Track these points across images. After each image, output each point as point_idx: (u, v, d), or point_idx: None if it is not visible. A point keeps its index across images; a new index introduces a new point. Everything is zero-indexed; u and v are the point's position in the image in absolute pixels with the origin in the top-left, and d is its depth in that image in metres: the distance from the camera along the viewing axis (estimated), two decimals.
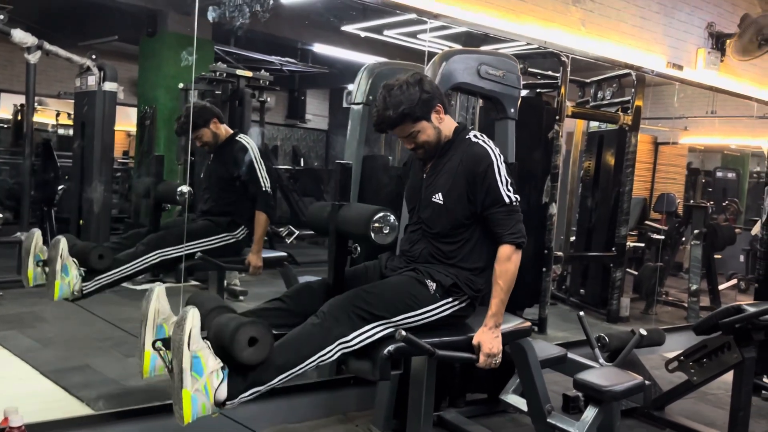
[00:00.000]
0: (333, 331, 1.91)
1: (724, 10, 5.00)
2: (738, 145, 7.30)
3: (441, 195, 2.18)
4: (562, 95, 4.11)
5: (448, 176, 2.19)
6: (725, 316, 2.82)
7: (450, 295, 2.15)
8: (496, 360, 2.12)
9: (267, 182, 3.24)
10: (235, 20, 2.98)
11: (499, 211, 2.12)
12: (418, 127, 2.15)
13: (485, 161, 2.14)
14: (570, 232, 5.52)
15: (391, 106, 2.11)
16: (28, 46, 4.71)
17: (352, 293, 2.02)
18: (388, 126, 2.16)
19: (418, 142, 2.18)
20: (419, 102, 2.12)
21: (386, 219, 2.04)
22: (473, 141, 2.21)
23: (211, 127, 3.27)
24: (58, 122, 7.79)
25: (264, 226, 3.23)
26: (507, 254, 2.11)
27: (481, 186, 2.12)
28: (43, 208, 5.84)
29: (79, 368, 3.18)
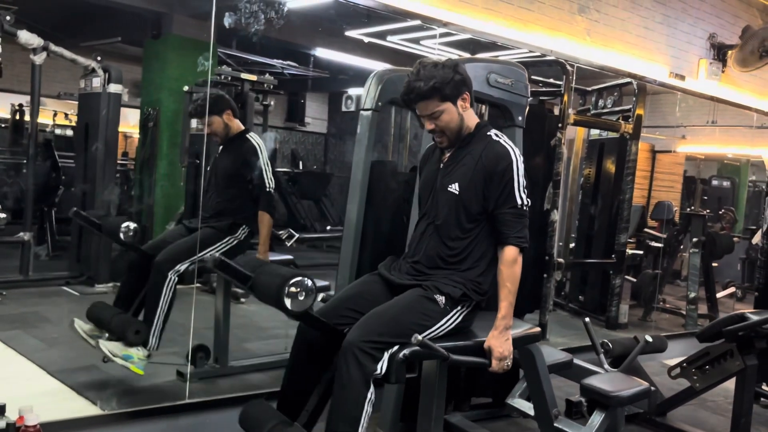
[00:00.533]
0: (362, 376, 1.94)
1: (726, 22, 5.07)
2: (736, 154, 7.37)
3: (457, 185, 2.19)
4: (564, 103, 4.15)
5: (467, 169, 2.19)
6: (729, 324, 2.86)
7: (459, 305, 2.17)
8: (508, 362, 2.13)
9: (272, 183, 3.27)
10: (251, 26, 3.00)
11: (509, 212, 2.14)
12: (443, 107, 2.15)
13: (506, 160, 2.15)
14: (569, 239, 5.56)
15: (423, 78, 2.11)
16: (34, 47, 4.73)
17: (364, 331, 2.00)
18: (416, 97, 2.14)
19: (440, 123, 2.17)
20: (451, 81, 2.13)
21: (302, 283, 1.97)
22: (494, 139, 2.21)
23: (224, 117, 3.28)
24: (55, 122, 7.79)
25: (268, 226, 3.25)
26: (513, 256, 2.13)
27: (498, 184, 2.14)
28: (44, 209, 5.84)
29: (86, 368, 3.18)
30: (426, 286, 2.15)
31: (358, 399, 1.93)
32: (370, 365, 1.94)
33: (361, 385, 1.93)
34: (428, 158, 2.42)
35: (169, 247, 3.10)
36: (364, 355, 1.93)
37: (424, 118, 2.20)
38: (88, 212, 3.60)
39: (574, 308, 5.37)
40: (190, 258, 3.08)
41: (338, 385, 1.96)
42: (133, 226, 3.05)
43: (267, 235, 3.25)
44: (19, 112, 7.42)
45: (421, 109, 2.18)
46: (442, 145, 2.25)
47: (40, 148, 5.78)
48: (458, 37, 3.65)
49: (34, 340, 3.58)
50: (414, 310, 2.09)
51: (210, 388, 3.14)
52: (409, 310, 2.08)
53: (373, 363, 1.95)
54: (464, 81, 2.18)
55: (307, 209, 7.83)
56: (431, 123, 2.19)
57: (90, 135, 4.89)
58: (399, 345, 1.99)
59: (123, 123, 5.35)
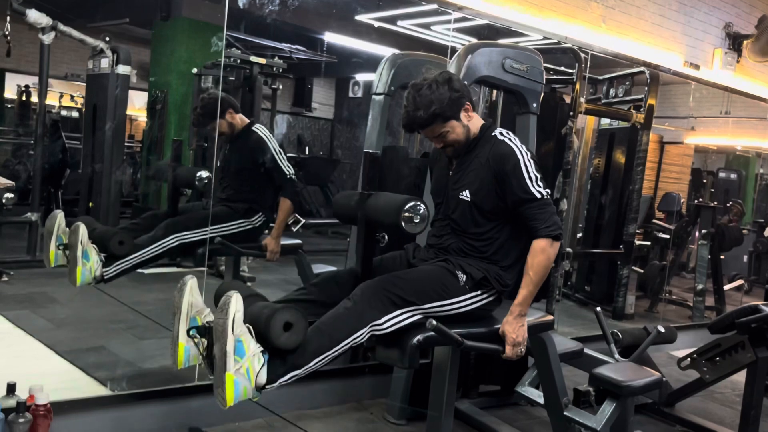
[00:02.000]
0: (365, 314, 1.92)
1: (742, 11, 5.01)
2: (746, 146, 7.32)
3: (468, 192, 2.19)
4: (576, 91, 4.11)
5: (475, 174, 2.19)
6: (741, 316, 2.84)
7: (479, 288, 2.16)
8: (522, 349, 2.12)
9: (290, 170, 3.26)
10: (265, 7, 2.96)
11: (532, 206, 2.12)
12: (447, 127, 2.16)
13: (511, 160, 2.14)
14: (577, 229, 5.54)
15: (422, 106, 2.10)
16: (43, 27, 4.69)
17: (384, 278, 2.03)
18: (418, 126, 2.16)
19: (448, 141, 2.19)
20: (449, 101, 2.12)
21: (416, 209, 2.04)
22: (499, 139, 2.20)
23: (226, 118, 3.26)
24: (61, 104, 7.78)
25: (287, 212, 3.24)
26: (541, 246, 2.11)
27: (511, 184, 2.13)
28: (50, 190, 5.83)
29: (95, 349, 3.19)
30: (450, 261, 2.16)
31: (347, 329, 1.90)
32: (378, 313, 1.93)
33: (358, 323, 1.91)
34: (437, 158, 2.42)
35: (185, 215, 3.11)
36: (376, 300, 1.94)
37: (431, 139, 2.22)
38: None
39: (580, 298, 5.36)
40: (200, 229, 3.06)
41: (338, 308, 1.93)
42: (206, 174, 3.12)
43: (283, 220, 3.25)
44: (26, 92, 7.41)
45: (427, 134, 2.20)
46: (452, 155, 2.26)
47: (47, 129, 5.76)
48: (472, 23, 3.61)
49: (42, 320, 3.58)
50: (434, 279, 2.10)
51: None
52: (428, 279, 2.09)
53: (381, 313, 1.94)
54: (462, 94, 2.17)
55: (313, 195, 7.82)
56: (439, 141, 2.21)
57: (98, 116, 4.86)
58: (410, 311, 1.99)
59: (129, 106, 5.33)
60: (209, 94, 3.37)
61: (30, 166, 5.71)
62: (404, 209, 2.02)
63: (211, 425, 2.71)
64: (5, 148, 7.05)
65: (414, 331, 1.99)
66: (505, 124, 3.25)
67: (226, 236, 3.16)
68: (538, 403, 2.62)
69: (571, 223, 5.41)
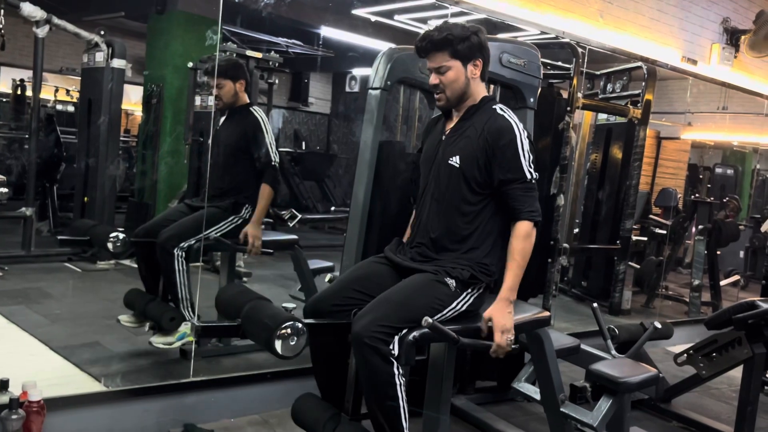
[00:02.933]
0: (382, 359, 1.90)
1: (740, 6, 4.99)
2: (743, 142, 7.32)
3: (458, 158, 2.15)
4: (574, 86, 4.09)
5: (468, 141, 2.15)
6: (738, 312, 2.84)
7: (468, 287, 2.14)
8: (510, 337, 2.05)
9: (276, 157, 3.19)
10: (261, 1, 2.93)
11: (519, 187, 2.09)
12: (452, 63, 2.12)
13: (508, 135, 2.10)
14: (574, 224, 5.54)
15: (441, 29, 2.10)
16: (37, 20, 4.66)
17: (373, 316, 1.95)
18: (428, 44, 2.12)
19: (444, 80, 2.13)
20: (466, 41, 2.10)
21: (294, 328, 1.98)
22: (498, 113, 2.15)
23: (236, 86, 3.19)
24: (56, 98, 7.74)
25: (267, 198, 3.16)
26: (526, 230, 2.08)
27: (502, 159, 2.08)
28: (45, 185, 5.80)
29: (89, 345, 3.18)
30: (435, 270, 2.11)
31: (387, 379, 1.91)
32: (384, 347, 1.91)
33: (384, 365, 1.90)
34: (430, 130, 2.38)
35: (171, 227, 3.06)
36: (376, 340, 1.90)
37: (432, 71, 2.16)
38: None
39: (577, 293, 5.36)
40: (195, 236, 3.03)
41: (363, 375, 1.93)
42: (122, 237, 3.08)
43: (264, 208, 3.15)
44: (20, 86, 7.36)
45: (431, 61, 2.15)
46: (440, 104, 2.21)
47: (42, 123, 5.73)
48: (469, 17, 3.59)
49: (36, 316, 3.56)
50: (424, 293, 2.05)
51: (213, 366, 3.13)
52: (419, 294, 2.04)
53: (384, 345, 1.92)
54: (481, 47, 2.15)
55: (310, 190, 7.79)
56: (436, 77, 2.15)
57: (93, 110, 4.83)
58: (408, 328, 1.96)
59: (124, 100, 5.31)
60: (232, 57, 3.29)
61: (25, 161, 5.68)
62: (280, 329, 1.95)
63: (206, 421, 2.70)
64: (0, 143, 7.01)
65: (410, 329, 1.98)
66: None
67: (221, 235, 3.14)
68: (535, 399, 2.61)
69: (568, 219, 5.41)
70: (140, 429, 2.58)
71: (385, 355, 1.90)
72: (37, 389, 2.19)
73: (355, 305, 2.12)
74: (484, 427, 2.94)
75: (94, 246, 3.18)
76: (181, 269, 2.97)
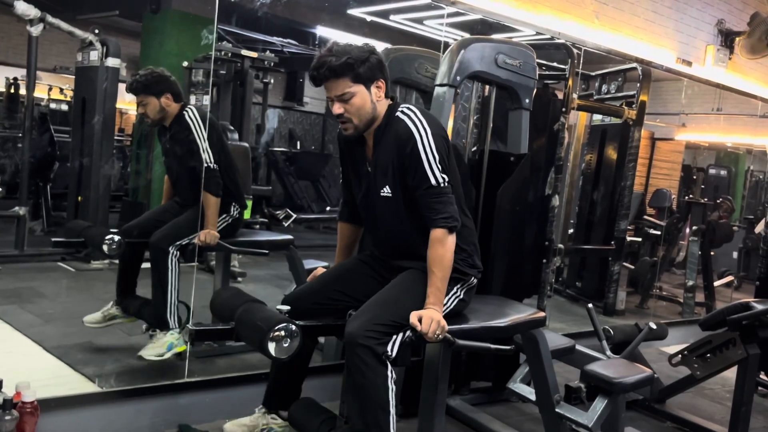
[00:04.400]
0: (377, 361, 1.87)
1: (734, 8, 5.01)
2: (736, 143, 7.35)
3: (388, 188, 2.06)
4: (569, 87, 4.10)
5: (386, 166, 2.06)
6: (733, 313, 2.85)
7: (458, 283, 2.13)
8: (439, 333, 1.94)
9: (210, 157, 2.94)
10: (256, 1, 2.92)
11: (425, 193, 2.01)
12: (355, 89, 1.99)
13: (410, 140, 1.99)
14: (568, 225, 5.54)
15: (336, 53, 1.95)
16: (31, 19, 4.64)
17: (366, 317, 1.92)
18: (326, 72, 1.96)
19: (350, 108, 2.00)
20: (366, 62, 1.98)
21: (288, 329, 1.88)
22: (399, 118, 2.04)
23: (161, 101, 2.95)
24: (50, 97, 7.70)
25: (213, 206, 2.95)
26: (439, 237, 1.99)
27: (410, 167, 2.00)
28: (39, 184, 5.78)
29: (82, 345, 3.16)
30: (422, 268, 2.06)
31: (380, 381, 1.88)
32: (378, 347, 1.88)
33: (378, 367, 1.87)
34: (350, 153, 2.22)
35: (164, 227, 3.02)
36: (371, 340, 1.87)
37: (333, 100, 2.02)
38: None
39: (571, 294, 5.37)
40: (189, 236, 3.00)
41: (356, 375, 1.88)
42: (117, 239, 2.98)
43: (212, 216, 2.96)
44: (14, 85, 7.33)
45: (331, 89, 2.00)
46: (347, 133, 2.07)
47: (36, 122, 5.70)
48: (465, 17, 3.59)
49: (29, 315, 3.54)
50: (416, 291, 2.03)
51: (208, 367, 3.12)
52: (411, 293, 2.02)
53: (382, 345, 1.89)
54: (381, 66, 2.04)
55: (304, 189, 7.79)
56: (340, 106, 2.01)
57: (87, 109, 4.81)
58: (406, 328, 1.94)
59: (118, 99, 5.29)
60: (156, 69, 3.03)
61: (18, 160, 5.64)
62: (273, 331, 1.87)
63: (201, 422, 2.69)
64: None
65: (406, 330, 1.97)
66: (498, 120, 3.25)
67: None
68: (530, 399, 2.61)
69: (563, 220, 5.42)
70: (134, 430, 2.57)
71: (380, 357, 1.87)
72: (30, 390, 2.18)
73: (335, 305, 2.13)
74: (479, 427, 2.94)
75: (88, 247, 3.14)
76: (174, 270, 2.94)
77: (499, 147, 3.19)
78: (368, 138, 2.13)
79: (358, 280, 2.19)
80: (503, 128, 3.17)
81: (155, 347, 2.87)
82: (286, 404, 2.27)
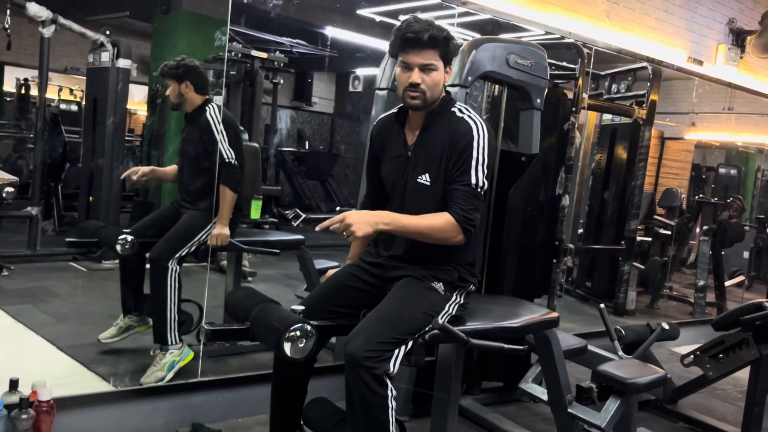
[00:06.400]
0: (377, 382, 1.82)
1: (746, 7, 4.99)
2: (747, 142, 7.31)
3: (428, 176, 2.05)
4: (579, 87, 4.09)
5: (434, 155, 2.05)
6: (746, 313, 2.83)
7: (457, 289, 2.11)
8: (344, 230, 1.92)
9: (231, 154, 3.03)
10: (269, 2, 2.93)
11: (462, 189, 1.99)
12: (438, 65, 2.01)
13: (468, 136, 2.01)
14: (578, 224, 5.53)
15: (436, 27, 1.97)
16: (43, 20, 4.67)
17: (367, 335, 1.86)
18: (428, 39, 1.96)
19: (429, 80, 2.00)
20: (454, 46, 2.02)
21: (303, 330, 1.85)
22: (458, 115, 2.07)
23: (181, 87, 3.08)
24: (60, 97, 7.75)
25: (229, 200, 3.03)
26: (449, 223, 1.96)
27: (457, 159, 2.00)
28: (50, 184, 5.81)
29: (96, 344, 3.17)
30: (421, 276, 2.05)
31: (380, 402, 1.83)
32: (379, 366, 1.82)
33: (378, 387, 1.82)
34: (386, 137, 2.19)
35: (160, 241, 3.01)
36: (372, 360, 1.81)
37: (414, 67, 2.00)
38: None
39: (581, 294, 5.36)
40: (185, 245, 3.00)
41: (356, 395, 1.84)
42: (130, 239, 2.96)
43: (226, 211, 3.03)
44: (25, 86, 7.38)
45: (419, 57, 1.98)
46: (414, 102, 2.03)
47: (47, 123, 5.74)
48: (475, 17, 3.59)
49: (43, 315, 3.57)
50: (416, 303, 1.99)
51: (221, 366, 3.14)
52: (411, 305, 1.98)
53: (383, 363, 1.83)
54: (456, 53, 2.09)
55: (313, 189, 7.80)
56: (420, 76, 1.99)
57: (98, 110, 4.84)
58: (409, 342, 1.91)
59: (128, 100, 5.31)
60: (186, 59, 3.18)
61: (30, 161, 5.68)
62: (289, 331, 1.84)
63: (214, 421, 2.70)
64: (5, 142, 7.02)
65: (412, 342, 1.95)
66: (508, 120, 3.25)
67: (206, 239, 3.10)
68: (542, 399, 2.62)
69: (573, 219, 5.41)
70: (148, 428, 2.59)
71: (380, 377, 1.82)
72: (46, 389, 2.20)
73: (332, 321, 2.07)
74: (491, 427, 2.95)
75: (102, 247, 3.15)
76: (173, 286, 2.92)
77: (509, 147, 3.19)
78: (415, 121, 2.12)
79: (354, 293, 2.13)
80: (514, 128, 3.17)
81: (156, 371, 2.84)
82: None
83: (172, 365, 2.86)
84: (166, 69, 3.12)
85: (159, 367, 2.85)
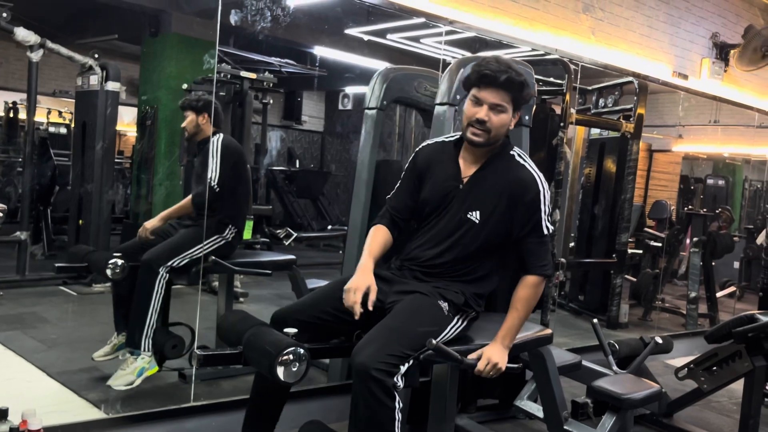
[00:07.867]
0: (386, 393, 1.83)
1: (729, 21, 5.07)
2: (733, 153, 7.38)
3: (478, 214, 2.09)
4: (566, 102, 4.12)
5: (490, 196, 2.10)
6: (738, 325, 2.85)
7: (459, 312, 2.11)
8: (493, 373, 2.02)
9: (215, 176, 3.12)
10: (257, 24, 2.96)
11: (539, 241, 2.09)
12: (508, 108, 2.05)
13: (533, 190, 2.07)
14: (569, 239, 5.55)
15: (516, 71, 2.03)
16: (31, 45, 4.67)
17: (376, 347, 1.87)
18: (506, 80, 2.01)
19: (496, 120, 2.04)
20: (528, 92, 2.09)
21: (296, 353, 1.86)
22: (519, 162, 2.13)
23: (199, 119, 3.28)
24: (48, 120, 7.72)
25: (181, 206, 3.21)
26: (536, 283, 2.09)
27: (525, 214, 2.07)
28: (39, 207, 5.78)
29: (86, 370, 3.14)
30: (429, 292, 2.06)
31: (387, 414, 1.84)
32: (389, 379, 1.84)
33: (387, 399, 1.83)
34: (437, 161, 2.21)
35: (156, 246, 3.03)
36: (381, 372, 1.82)
37: (484, 104, 2.04)
38: None
39: (574, 308, 5.36)
40: (180, 255, 3.01)
41: (363, 406, 1.84)
42: (120, 263, 2.95)
43: (171, 210, 3.21)
44: (13, 109, 7.36)
45: (492, 96, 2.03)
46: (477, 139, 2.06)
47: (36, 147, 5.72)
48: (462, 35, 3.62)
49: (32, 341, 3.53)
50: (421, 318, 2.00)
51: (213, 390, 3.11)
52: (416, 320, 1.99)
53: (390, 377, 1.84)
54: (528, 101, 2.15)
55: (304, 208, 7.79)
56: (488, 114, 2.03)
57: (87, 133, 4.83)
58: (413, 358, 1.91)
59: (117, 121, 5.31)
60: (206, 94, 3.48)
61: (19, 185, 5.65)
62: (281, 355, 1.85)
63: None
64: None
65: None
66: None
67: (204, 256, 3.11)
68: (537, 416, 2.61)
69: (564, 234, 5.43)
70: None
71: (389, 389, 1.83)
72: (36, 417, 2.17)
73: (325, 323, 2.08)
74: None
75: (92, 272, 3.14)
76: (160, 292, 2.92)
77: None
78: (470, 155, 2.15)
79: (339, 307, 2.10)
80: None
81: (125, 375, 2.83)
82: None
83: (142, 371, 2.85)
84: (186, 102, 3.34)
85: (129, 370, 2.84)
